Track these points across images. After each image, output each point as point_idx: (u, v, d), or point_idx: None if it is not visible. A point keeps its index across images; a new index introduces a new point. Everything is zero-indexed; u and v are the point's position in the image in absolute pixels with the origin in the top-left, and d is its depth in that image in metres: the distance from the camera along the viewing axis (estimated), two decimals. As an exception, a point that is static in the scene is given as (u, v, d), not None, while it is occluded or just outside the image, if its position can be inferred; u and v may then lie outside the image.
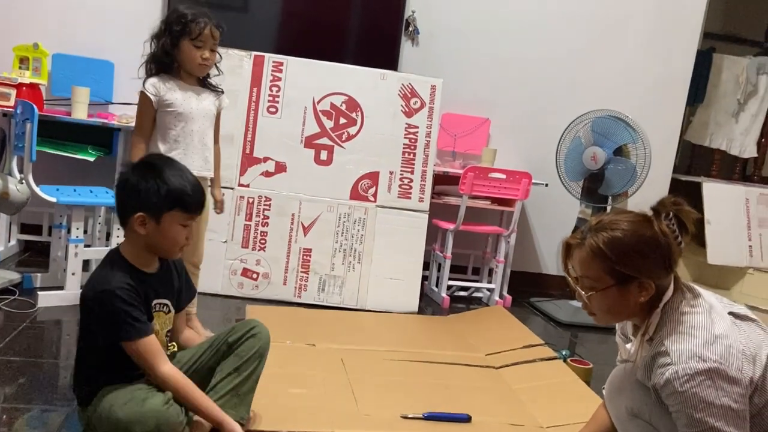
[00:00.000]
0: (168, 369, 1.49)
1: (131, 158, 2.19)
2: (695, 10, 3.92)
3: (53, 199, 2.57)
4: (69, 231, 2.61)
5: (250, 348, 1.64)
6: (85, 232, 2.83)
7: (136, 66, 3.38)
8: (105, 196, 2.77)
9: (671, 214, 1.40)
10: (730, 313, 1.39)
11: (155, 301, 1.57)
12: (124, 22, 3.39)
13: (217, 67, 2.28)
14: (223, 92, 2.31)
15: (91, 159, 3.07)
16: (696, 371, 1.27)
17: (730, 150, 4.50)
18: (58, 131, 3.08)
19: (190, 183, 1.53)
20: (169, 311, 1.62)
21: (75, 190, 2.75)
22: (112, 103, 3.37)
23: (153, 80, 2.18)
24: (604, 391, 1.65)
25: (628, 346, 1.50)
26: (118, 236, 2.68)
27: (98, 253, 2.81)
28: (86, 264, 2.78)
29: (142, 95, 2.17)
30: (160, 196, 1.49)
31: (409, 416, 1.91)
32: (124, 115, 3.26)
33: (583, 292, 1.41)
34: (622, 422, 1.54)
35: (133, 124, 3.13)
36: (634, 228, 1.38)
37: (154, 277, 1.57)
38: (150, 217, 1.50)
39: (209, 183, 2.32)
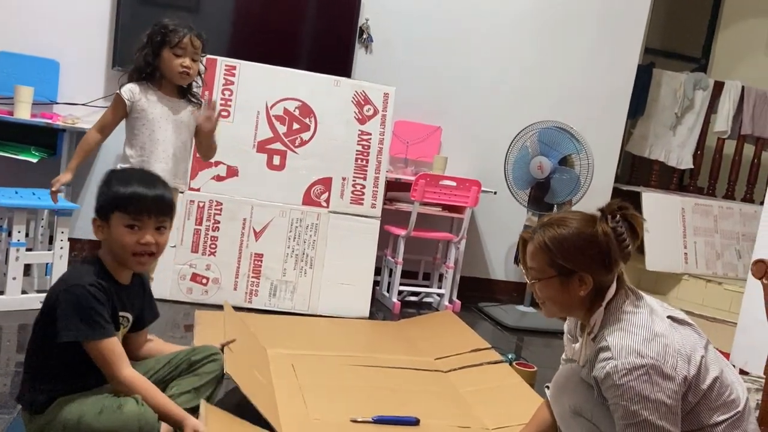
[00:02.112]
0: (131, 372, 1.50)
1: (78, 147, 2.24)
2: (637, 27, 4.10)
3: (-7, 201, 2.49)
4: (10, 234, 2.53)
5: (212, 371, 1.67)
6: (27, 235, 2.75)
7: (81, 65, 3.36)
8: (48, 199, 2.69)
9: (618, 217, 1.48)
10: (669, 317, 1.48)
11: (120, 314, 1.57)
12: (71, 20, 3.32)
13: (201, 78, 2.34)
14: (201, 103, 2.34)
15: (34, 160, 2.98)
16: (634, 366, 1.36)
17: (668, 161, 4.71)
18: (0, 131, 2.98)
19: (136, 186, 1.52)
20: (127, 326, 1.62)
21: (17, 192, 2.67)
22: (57, 103, 3.29)
23: (131, 85, 2.22)
24: (546, 391, 1.72)
25: (575, 345, 1.58)
26: (61, 240, 2.62)
27: (40, 257, 2.73)
28: (27, 268, 2.70)
29: (117, 96, 2.22)
30: (105, 199, 1.53)
31: (359, 420, 1.93)
32: (69, 115, 3.18)
33: (530, 281, 1.53)
34: (565, 420, 1.61)
35: (78, 125, 3.09)
36: (577, 225, 1.48)
37: (124, 289, 1.58)
38: (102, 221, 1.53)
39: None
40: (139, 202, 1.51)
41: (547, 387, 1.71)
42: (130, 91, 2.21)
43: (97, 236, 1.55)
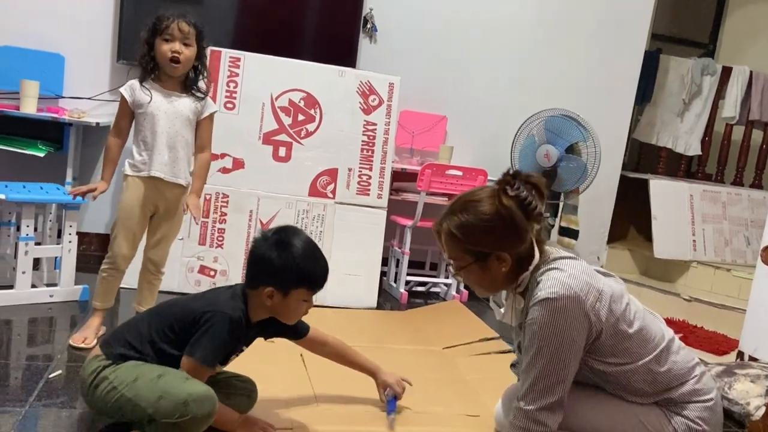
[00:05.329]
0: None
1: (104, 156, 2.25)
2: (643, 13, 4.06)
3: (2, 196, 2.49)
4: (18, 229, 2.54)
5: (239, 404, 1.75)
6: (36, 229, 2.76)
7: (87, 59, 3.36)
8: (56, 193, 2.70)
9: (518, 183, 1.49)
10: (596, 270, 1.56)
11: (241, 347, 1.70)
12: (75, 14, 3.32)
13: (204, 68, 2.27)
14: (204, 96, 2.28)
15: (41, 154, 2.99)
16: (558, 295, 1.43)
17: (676, 148, 4.68)
18: (7, 126, 2.99)
19: (318, 261, 1.66)
20: (239, 354, 1.73)
21: (24, 187, 2.68)
22: (63, 97, 3.29)
23: (131, 82, 2.22)
24: (499, 404, 1.78)
25: (502, 310, 1.63)
26: (70, 233, 2.63)
27: (49, 251, 2.74)
28: (37, 262, 2.72)
29: (121, 96, 2.22)
30: (291, 274, 1.60)
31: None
32: (75, 109, 3.19)
33: (453, 271, 1.57)
34: None
35: (84, 119, 3.10)
36: (478, 208, 1.50)
37: (252, 329, 1.68)
38: (278, 292, 1.61)
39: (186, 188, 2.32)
40: (324, 282, 1.68)
41: (512, 366, 1.72)
42: (130, 87, 2.20)
43: (264, 302, 1.62)
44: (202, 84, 2.29)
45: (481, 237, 1.49)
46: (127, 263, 2.28)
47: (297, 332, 1.85)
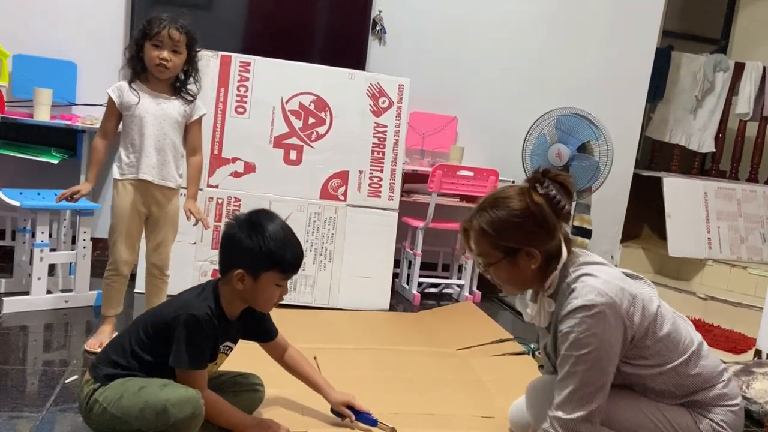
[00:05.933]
0: (205, 395, 1.59)
1: (90, 157, 2.26)
2: (654, 10, 4.03)
3: (17, 203, 2.52)
4: (33, 235, 2.57)
5: (249, 400, 1.78)
6: (50, 236, 2.79)
7: (99, 67, 3.39)
8: (70, 200, 2.72)
9: (547, 182, 1.50)
10: (622, 272, 1.56)
11: (224, 344, 1.67)
12: (87, 22, 3.35)
13: (195, 71, 2.25)
14: (194, 99, 2.26)
15: (55, 161, 3.02)
16: (594, 303, 1.42)
17: (689, 145, 4.63)
18: (20, 133, 3.02)
19: (290, 244, 1.61)
20: (229, 353, 1.73)
21: (39, 194, 2.71)
22: (76, 104, 3.32)
23: (119, 83, 2.21)
24: (513, 405, 1.77)
25: (528, 310, 1.61)
26: (84, 239, 2.65)
27: (64, 257, 2.77)
28: (52, 268, 2.74)
29: (108, 98, 2.20)
30: (261, 255, 1.57)
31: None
32: (88, 116, 3.22)
33: (482, 268, 1.57)
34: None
35: (97, 126, 3.11)
36: (509, 204, 1.51)
37: (231, 324, 1.66)
38: (248, 275, 1.58)
39: (180, 193, 2.32)
40: (297, 267, 1.62)
41: (541, 367, 1.71)
42: (118, 89, 2.18)
43: (235, 286, 1.59)
44: (192, 87, 2.26)
45: (512, 232, 1.49)
46: (130, 267, 2.29)
47: (268, 332, 1.81)
